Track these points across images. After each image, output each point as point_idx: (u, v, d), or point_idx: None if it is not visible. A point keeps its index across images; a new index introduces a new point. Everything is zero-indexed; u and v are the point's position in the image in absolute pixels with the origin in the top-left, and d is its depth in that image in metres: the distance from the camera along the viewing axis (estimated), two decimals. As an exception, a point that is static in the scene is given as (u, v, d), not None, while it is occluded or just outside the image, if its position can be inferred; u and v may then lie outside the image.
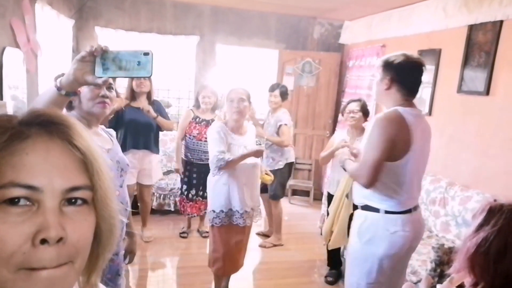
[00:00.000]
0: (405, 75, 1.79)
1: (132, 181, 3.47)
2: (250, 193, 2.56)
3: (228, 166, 2.42)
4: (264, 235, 4.07)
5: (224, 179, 2.47)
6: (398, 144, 1.75)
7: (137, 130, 3.43)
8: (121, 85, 3.65)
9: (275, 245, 3.85)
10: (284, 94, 3.81)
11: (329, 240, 2.45)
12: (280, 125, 3.69)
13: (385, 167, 1.77)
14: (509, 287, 0.91)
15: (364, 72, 4.61)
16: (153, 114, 3.38)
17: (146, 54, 0.99)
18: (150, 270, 3.31)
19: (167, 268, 3.38)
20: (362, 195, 1.92)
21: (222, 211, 2.50)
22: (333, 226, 2.20)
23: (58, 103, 1.10)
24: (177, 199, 4.22)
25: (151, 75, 1.02)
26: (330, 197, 3.19)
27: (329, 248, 2.35)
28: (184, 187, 3.70)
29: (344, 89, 5.11)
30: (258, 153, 2.48)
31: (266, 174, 2.86)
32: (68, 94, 1.10)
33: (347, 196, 2.09)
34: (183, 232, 3.90)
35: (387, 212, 1.85)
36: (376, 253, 1.85)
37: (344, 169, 2.05)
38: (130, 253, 1.84)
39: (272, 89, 3.82)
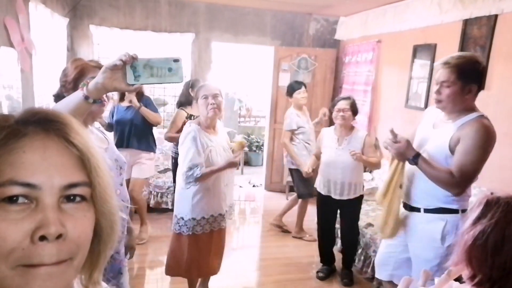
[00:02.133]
0: (482, 80, 1.88)
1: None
2: (229, 193, 2.48)
3: (202, 179, 2.27)
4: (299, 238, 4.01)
5: (206, 184, 2.30)
6: None
7: (124, 129, 3.44)
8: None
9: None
10: (306, 89, 3.93)
11: (389, 232, 2.10)
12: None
13: None
14: (507, 279, 0.92)
15: (361, 67, 4.62)
16: (136, 103, 3.32)
17: (176, 60, 1.04)
18: (148, 269, 3.31)
19: (166, 266, 3.38)
20: (436, 198, 1.88)
21: (203, 217, 2.34)
22: (388, 217, 2.01)
23: (82, 111, 1.14)
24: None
25: (183, 80, 1.07)
26: (321, 197, 3.16)
27: (385, 238, 2.09)
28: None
29: (342, 85, 5.11)
30: (233, 165, 2.32)
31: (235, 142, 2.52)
32: (95, 101, 1.13)
33: (400, 186, 1.97)
34: None
35: (463, 211, 1.87)
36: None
37: (413, 163, 1.87)
38: (130, 249, 1.87)
39: (298, 87, 3.80)
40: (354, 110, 3.00)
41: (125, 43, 4.63)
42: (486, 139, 1.73)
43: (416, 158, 1.83)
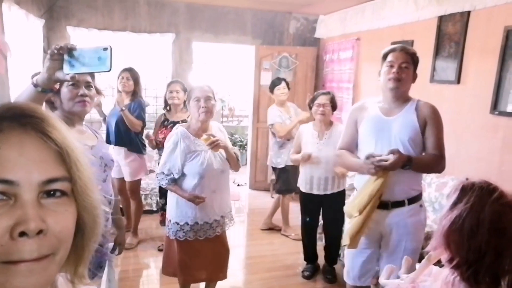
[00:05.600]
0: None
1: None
2: (219, 200, 2.32)
3: (170, 189, 2.25)
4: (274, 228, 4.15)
5: (191, 188, 2.22)
6: None
7: (116, 127, 3.42)
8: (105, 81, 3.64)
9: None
10: (288, 85, 3.94)
11: (353, 243, 2.04)
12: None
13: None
14: (482, 262, 0.95)
15: (345, 65, 4.67)
16: (121, 105, 3.28)
17: (105, 49, 1.04)
18: (133, 271, 3.27)
19: (151, 269, 3.35)
20: (413, 186, 1.98)
21: (187, 223, 2.24)
22: (362, 229, 1.93)
23: (36, 100, 1.17)
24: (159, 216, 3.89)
25: (110, 70, 1.04)
26: (304, 195, 3.16)
27: (352, 248, 2.03)
28: (163, 200, 3.30)
29: (324, 84, 5.16)
30: (193, 200, 2.16)
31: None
32: (44, 90, 1.17)
33: (380, 196, 1.90)
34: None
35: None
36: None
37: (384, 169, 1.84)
38: (119, 245, 1.90)
39: (278, 82, 3.87)
40: (334, 105, 3.06)
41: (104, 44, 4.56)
42: (440, 116, 2.00)
43: (410, 161, 1.84)
